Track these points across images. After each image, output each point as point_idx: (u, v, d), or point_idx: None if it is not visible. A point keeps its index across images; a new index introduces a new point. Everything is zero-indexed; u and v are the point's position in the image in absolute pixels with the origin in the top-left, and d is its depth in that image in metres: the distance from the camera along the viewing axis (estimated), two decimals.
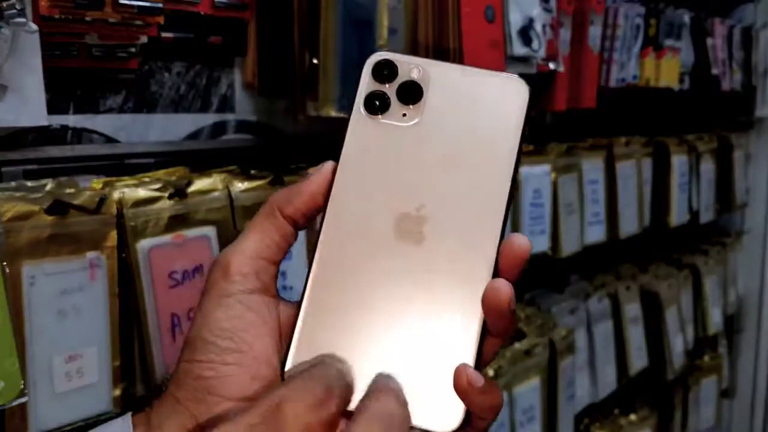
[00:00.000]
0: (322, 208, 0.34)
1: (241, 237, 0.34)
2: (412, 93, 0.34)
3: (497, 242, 0.33)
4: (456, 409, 0.31)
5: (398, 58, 0.35)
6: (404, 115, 0.34)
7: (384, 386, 0.31)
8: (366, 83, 0.35)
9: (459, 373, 0.31)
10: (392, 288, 0.32)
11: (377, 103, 0.34)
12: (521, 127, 0.34)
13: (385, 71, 0.35)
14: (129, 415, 0.33)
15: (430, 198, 0.33)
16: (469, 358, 0.32)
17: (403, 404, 0.30)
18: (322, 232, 0.33)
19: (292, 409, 0.28)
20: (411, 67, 0.35)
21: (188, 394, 0.31)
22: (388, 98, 0.34)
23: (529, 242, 0.33)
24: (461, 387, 0.31)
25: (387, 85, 0.35)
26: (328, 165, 0.34)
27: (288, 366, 0.32)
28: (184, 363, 0.32)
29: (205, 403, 0.31)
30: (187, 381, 0.31)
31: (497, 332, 0.33)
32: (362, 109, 0.34)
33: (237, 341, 0.31)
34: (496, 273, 0.32)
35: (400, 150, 0.34)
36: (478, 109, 0.34)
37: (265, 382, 0.32)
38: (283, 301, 0.34)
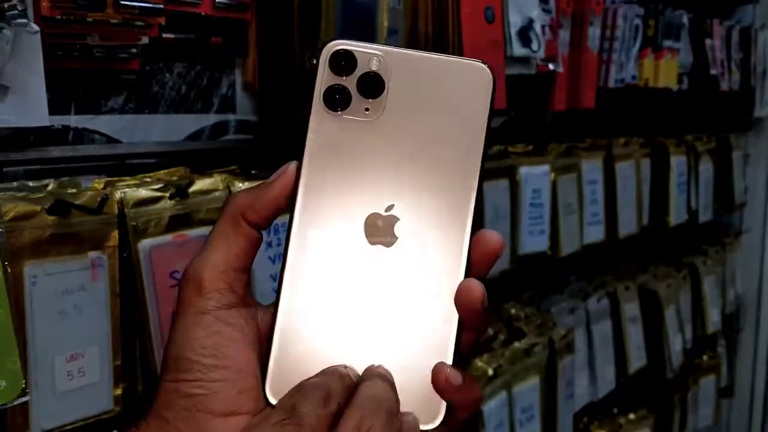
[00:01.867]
0: (285, 210, 0.33)
1: (208, 248, 0.33)
2: (373, 86, 0.32)
3: (467, 238, 0.32)
4: (436, 406, 0.31)
5: (356, 47, 0.32)
6: (366, 110, 0.32)
7: (372, 372, 0.31)
8: (323, 76, 0.33)
9: (437, 372, 0.32)
10: (365, 291, 0.32)
11: (337, 97, 0.32)
12: (487, 116, 0.33)
13: (343, 62, 0.32)
14: None
15: (397, 197, 0.32)
16: (447, 356, 0.32)
17: (392, 386, 0.31)
18: (290, 238, 0.32)
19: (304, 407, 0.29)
20: (371, 56, 0.32)
21: (176, 413, 0.31)
22: (349, 92, 0.32)
23: (500, 238, 0.33)
24: (440, 385, 0.32)
25: (346, 78, 0.32)
26: (291, 167, 0.33)
27: (267, 381, 0.32)
28: (170, 383, 0.32)
29: (195, 421, 0.31)
30: (176, 400, 0.31)
31: (472, 329, 0.33)
32: (322, 104, 0.33)
33: (220, 357, 0.31)
34: (468, 267, 0.32)
35: (364, 147, 0.32)
36: (442, 99, 0.32)
37: (252, 394, 0.32)
38: (261, 307, 0.34)
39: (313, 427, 0.29)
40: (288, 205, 0.33)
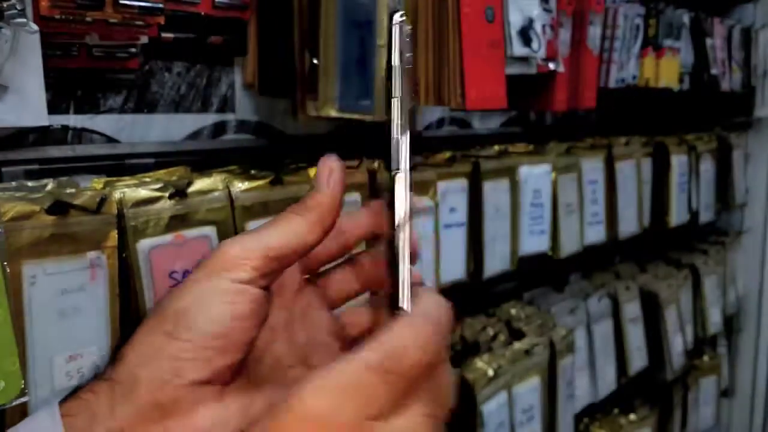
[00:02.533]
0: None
1: (253, 231, 0.34)
2: None
3: None
4: None
5: None
6: None
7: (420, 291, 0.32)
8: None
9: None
10: None
11: None
12: None
13: None
14: (56, 404, 0.32)
15: None
16: None
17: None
18: None
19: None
20: None
21: (152, 373, 0.31)
22: None
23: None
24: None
25: None
26: (334, 166, 0.34)
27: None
28: (162, 336, 0.31)
29: (171, 386, 0.31)
30: (157, 362, 0.31)
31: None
32: None
33: (221, 331, 0.31)
34: None
35: None
36: None
37: (227, 368, 0.32)
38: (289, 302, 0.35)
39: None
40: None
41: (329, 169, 0.34)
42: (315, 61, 0.71)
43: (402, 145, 0.34)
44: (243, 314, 0.32)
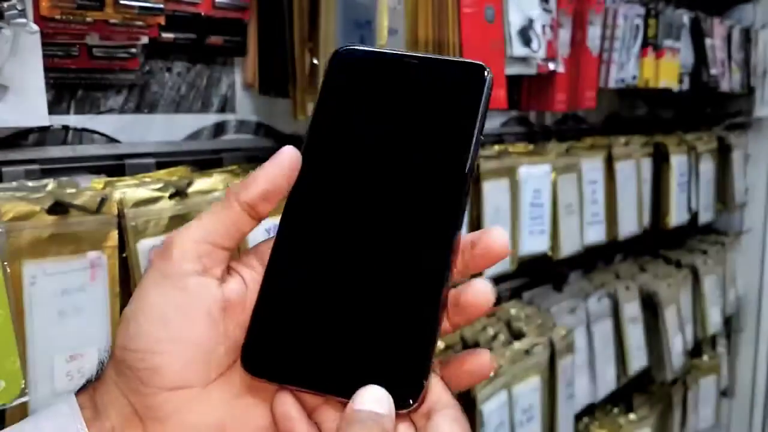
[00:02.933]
0: (281, 194, 0.33)
1: (192, 222, 0.33)
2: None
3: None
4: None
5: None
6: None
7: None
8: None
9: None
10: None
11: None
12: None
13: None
14: (73, 396, 0.32)
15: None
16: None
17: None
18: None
19: None
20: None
21: (124, 383, 0.31)
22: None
23: (505, 240, 0.33)
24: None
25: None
26: (288, 149, 0.33)
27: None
28: (119, 349, 0.31)
29: (140, 394, 0.30)
30: (122, 369, 0.31)
31: (454, 324, 0.33)
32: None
33: (170, 329, 0.30)
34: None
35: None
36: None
37: (199, 366, 0.31)
38: (232, 280, 0.33)
39: None
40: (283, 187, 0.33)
41: (279, 152, 0.33)
42: (315, 61, 0.71)
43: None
44: (187, 306, 0.31)
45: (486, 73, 0.34)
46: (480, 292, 0.33)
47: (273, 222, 0.34)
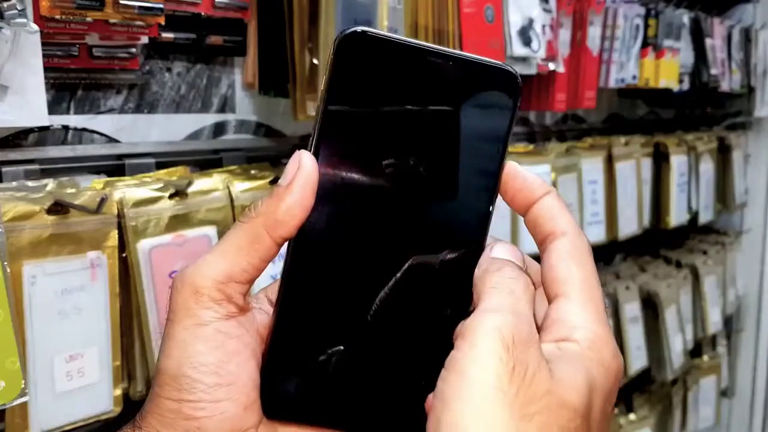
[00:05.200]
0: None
1: (214, 255, 0.30)
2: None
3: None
4: None
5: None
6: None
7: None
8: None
9: None
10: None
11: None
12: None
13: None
14: None
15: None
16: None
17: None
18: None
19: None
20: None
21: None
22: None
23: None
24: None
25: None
26: (311, 169, 0.30)
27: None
28: (169, 401, 0.30)
29: None
30: (177, 421, 0.29)
31: None
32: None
33: (223, 374, 0.29)
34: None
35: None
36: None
37: (256, 407, 0.30)
38: (257, 309, 0.32)
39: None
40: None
41: (297, 164, 0.30)
42: (315, 61, 0.71)
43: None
44: (232, 351, 0.30)
45: (519, 82, 0.31)
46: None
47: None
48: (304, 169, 0.29)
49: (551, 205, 0.33)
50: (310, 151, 0.30)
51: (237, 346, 0.30)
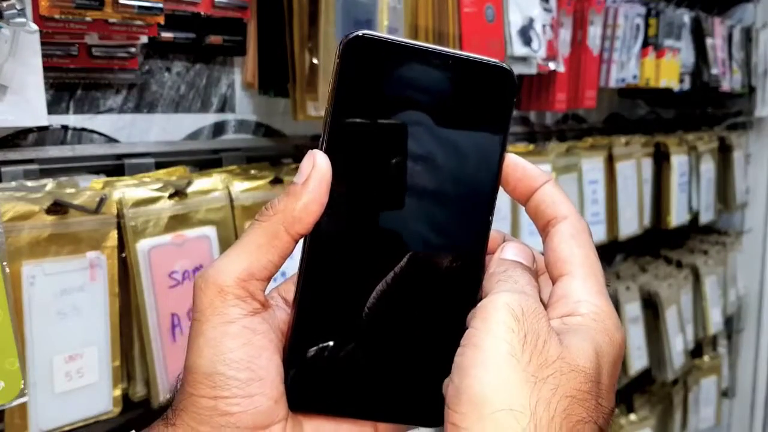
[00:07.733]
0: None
1: (234, 253, 0.31)
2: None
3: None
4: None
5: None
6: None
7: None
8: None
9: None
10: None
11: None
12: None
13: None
14: None
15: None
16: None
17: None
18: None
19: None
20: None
21: (214, 429, 0.30)
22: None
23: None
24: None
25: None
26: (324, 166, 0.31)
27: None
28: (205, 399, 0.30)
29: None
30: (213, 417, 0.30)
31: None
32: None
33: (255, 369, 0.30)
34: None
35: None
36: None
37: (284, 400, 0.31)
38: (275, 306, 0.33)
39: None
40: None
41: (312, 163, 0.31)
42: (315, 61, 0.71)
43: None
44: (260, 346, 0.31)
45: (514, 78, 0.32)
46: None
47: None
48: (318, 168, 0.31)
49: (551, 192, 0.34)
50: (321, 150, 0.31)
51: (263, 341, 0.31)
